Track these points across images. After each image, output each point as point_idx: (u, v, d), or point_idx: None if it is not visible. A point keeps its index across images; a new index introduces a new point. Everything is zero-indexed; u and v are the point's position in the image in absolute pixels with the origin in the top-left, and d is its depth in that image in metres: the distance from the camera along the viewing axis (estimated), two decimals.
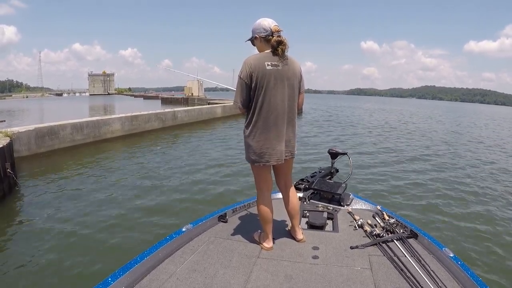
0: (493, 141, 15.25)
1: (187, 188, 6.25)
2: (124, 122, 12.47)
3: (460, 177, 7.59)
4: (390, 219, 2.49)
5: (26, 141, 8.35)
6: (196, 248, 2.14)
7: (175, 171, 7.56)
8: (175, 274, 1.85)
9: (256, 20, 2.12)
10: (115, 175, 7.15)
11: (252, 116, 2.08)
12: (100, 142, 10.96)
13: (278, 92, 2.04)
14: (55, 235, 4.16)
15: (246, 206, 2.83)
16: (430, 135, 16.25)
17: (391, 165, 8.68)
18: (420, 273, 1.83)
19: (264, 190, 2.20)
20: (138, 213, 4.94)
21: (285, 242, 2.29)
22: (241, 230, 2.41)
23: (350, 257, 2.06)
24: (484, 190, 6.58)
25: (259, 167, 2.14)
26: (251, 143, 2.09)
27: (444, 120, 28.92)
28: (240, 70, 2.05)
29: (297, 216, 2.33)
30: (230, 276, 1.85)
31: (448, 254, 1.99)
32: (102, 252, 3.80)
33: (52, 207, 5.14)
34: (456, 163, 9.24)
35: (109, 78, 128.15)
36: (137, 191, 6.01)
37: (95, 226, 4.44)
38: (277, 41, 2.03)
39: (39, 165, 7.95)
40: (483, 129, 22.11)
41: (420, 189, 6.48)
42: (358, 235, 2.36)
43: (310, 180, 3.26)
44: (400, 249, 2.11)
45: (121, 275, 1.72)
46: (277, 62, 2.03)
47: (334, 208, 2.83)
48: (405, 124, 22.91)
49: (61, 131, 9.62)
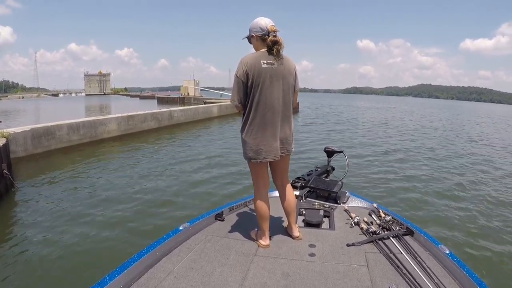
0: (489, 139, 15.34)
1: (184, 187, 6.25)
2: (120, 122, 12.43)
3: (457, 175, 7.63)
4: (386, 217, 2.51)
5: (22, 142, 8.29)
6: (193, 247, 2.15)
7: (172, 170, 7.56)
8: (172, 273, 1.85)
9: (254, 19, 2.14)
10: (111, 175, 7.13)
11: (248, 114, 2.10)
12: (97, 142, 10.93)
13: (274, 90, 2.07)
14: (52, 236, 4.15)
15: (243, 204, 2.85)
16: (425, 133, 16.32)
17: (387, 163, 8.72)
18: (416, 269, 1.84)
19: (261, 188, 2.22)
20: (135, 212, 4.94)
21: (282, 240, 2.30)
22: (238, 228, 2.43)
23: (346, 255, 2.08)
24: (480, 187, 6.63)
25: (256, 164, 2.16)
26: (248, 141, 2.11)
27: (440, 118, 29.07)
28: (237, 68, 2.07)
29: (293, 214, 2.34)
30: (227, 274, 1.86)
31: (444, 250, 2.00)
32: (99, 251, 3.79)
33: (48, 207, 5.12)
34: (452, 160, 9.28)
35: (105, 78, 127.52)
36: (134, 190, 6.00)
37: (92, 226, 4.44)
38: (272, 41, 2.05)
39: (36, 165, 7.93)
40: (483, 127, 22.25)
41: (416, 186, 6.51)
42: (355, 233, 2.37)
43: (307, 178, 3.28)
44: (396, 246, 2.13)
45: (118, 274, 1.72)
46: (272, 61, 2.06)
47: (330, 206, 2.85)
48: (399, 121, 23.00)
49: (58, 132, 9.56)
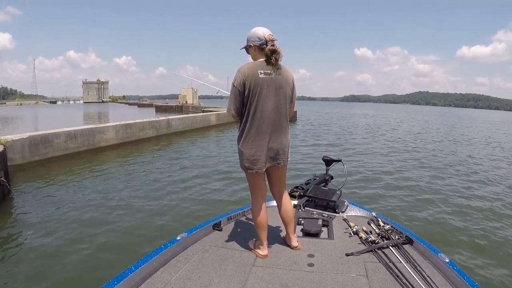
0: (487, 144, 15.40)
1: (181, 196, 6.21)
2: (118, 130, 12.40)
3: (455, 183, 7.64)
4: (385, 226, 2.50)
5: (20, 149, 8.26)
6: (190, 257, 2.13)
7: (169, 179, 7.52)
8: (169, 283, 1.83)
9: (251, 29, 2.16)
10: (108, 183, 7.09)
11: (245, 124, 2.10)
12: (95, 151, 10.89)
13: (271, 100, 2.07)
14: (48, 244, 4.11)
15: (241, 214, 2.83)
16: (423, 141, 16.36)
17: (385, 172, 8.71)
18: (416, 279, 1.82)
19: (258, 197, 2.21)
20: (133, 221, 4.90)
21: (280, 249, 2.28)
22: (236, 238, 2.41)
23: (345, 264, 2.06)
24: (483, 196, 6.61)
25: (252, 174, 2.15)
26: (244, 151, 2.11)
27: (439, 125, 29.21)
28: (234, 77, 2.07)
29: (291, 224, 2.32)
30: (225, 285, 1.84)
31: (444, 259, 1.99)
32: (96, 261, 3.74)
33: (45, 215, 5.07)
34: (451, 168, 9.29)
35: (103, 85, 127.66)
36: (131, 199, 5.96)
37: (89, 235, 4.39)
38: (271, 50, 2.06)
39: (33, 173, 7.87)
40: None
41: (414, 195, 6.50)
42: (354, 242, 2.36)
43: (305, 187, 3.27)
44: (395, 255, 2.11)
45: (115, 284, 1.70)
46: (270, 71, 2.06)
47: (329, 215, 2.83)
48: (396, 130, 23.08)
49: (55, 139, 9.53)
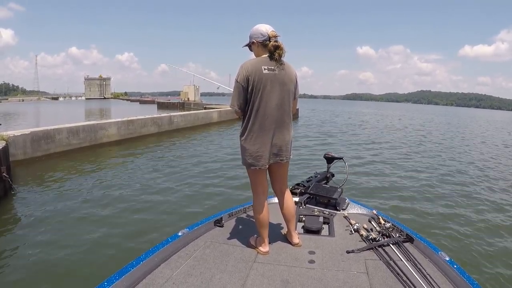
0: (488, 145, 15.36)
1: (183, 192, 6.23)
2: (120, 127, 12.43)
3: (457, 182, 7.63)
4: (386, 223, 2.50)
5: (22, 145, 8.30)
6: (192, 253, 2.13)
7: (171, 175, 7.54)
8: (171, 279, 1.84)
9: (254, 26, 2.15)
10: (110, 179, 7.11)
11: (248, 120, 2.09)
12: (96, 147, 10.93)
13: (274, 97, 2.06)
14: (50, 239, 4.14)
15: (242, 210, 2.83)
16: (425, 140, 16.34)
17: (387, 170, 8.71)
18: (416, 277, 1.83)
19: (260, 194, 2.20)
20: (135, 217, 4.92)
21: (281, 246, 2.28)
22: (237, 235, 2.41)
23: (346, 262, 2.07)
24: (482, 194, 6.61)
25: (255, 170, 2.14)
26: (247, 147, 2.10)
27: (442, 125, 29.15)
28: (237, 74, 2.06)
29: (293, 220, 2.32)
30: (226, 281, 1.84)
31: (444, 258, 2.00)
32: (97, 256, 3.77)
33: (47, 210, 5.10)
34: (452, 167, 9.28)
35: (105, 82, 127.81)
36: (133, 195, 5.98)
37: (90, 230, 4.41)
38: (274, 46, 2.05)
39: (35, 169, 7.91)
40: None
41: (415, 193, 6.50)
42: (354, 240, 2.36)
43: (306, 184, 3.27)
44: (396, 253, 2.12)
45: (117, 280, 1.71)
46: (273, 67, 2.05)
47: (330, 213, 2.83)
48: (400, 129, 23.03)
49: (57, 135, 9.57)
